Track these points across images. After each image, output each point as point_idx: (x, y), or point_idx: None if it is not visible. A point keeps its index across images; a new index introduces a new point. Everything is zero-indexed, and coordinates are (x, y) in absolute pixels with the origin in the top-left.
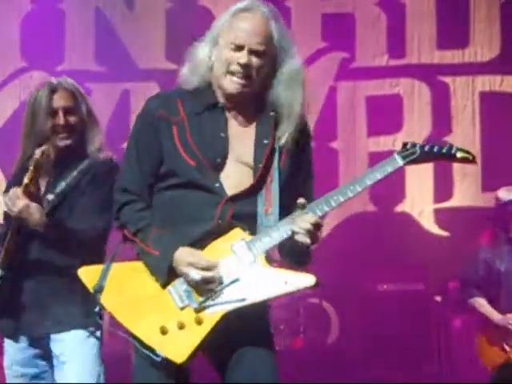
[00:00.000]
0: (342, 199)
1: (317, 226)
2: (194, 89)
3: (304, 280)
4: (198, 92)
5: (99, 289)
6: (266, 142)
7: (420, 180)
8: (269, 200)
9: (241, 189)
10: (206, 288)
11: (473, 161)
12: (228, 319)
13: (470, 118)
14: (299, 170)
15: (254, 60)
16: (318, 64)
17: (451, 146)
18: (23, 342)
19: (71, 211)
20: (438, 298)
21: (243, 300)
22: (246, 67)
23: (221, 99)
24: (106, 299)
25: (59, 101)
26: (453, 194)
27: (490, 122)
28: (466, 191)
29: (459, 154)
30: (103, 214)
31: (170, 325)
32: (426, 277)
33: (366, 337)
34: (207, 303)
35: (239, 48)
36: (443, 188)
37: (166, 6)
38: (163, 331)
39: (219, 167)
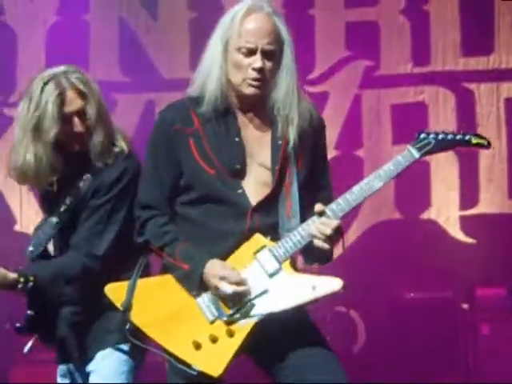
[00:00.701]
0: (362, 197)
1: (337, 230)
2: (205, 96)
3: (331, 284)
4: (210, 99)
5: (127, 306)
6: (279, 142)
7: (446, 187)
8: (289, 203)
9: (262, 194)
10: (235, 301)
11: (488, 146)
12: (264, 325)
13: (495, 125)
14: (316, 166)
15: (267, 61)
16: (342, 73)
17: (465, 133)
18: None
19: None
20: (466, 306)
21: (271, 309)
22: (260, 71)
23: (233, 104)
24: (135, 316)
25: (70, 106)
26: (479, 200)
27: None
28: (492, 198)
29: (474, 140)
30: (105, 234)
31: (202, 339)
32: (452, 284)
33: (392, 345)
34: (237, 315)
35: (251, 52)
36: (469, 195)
37: (190, 16)
38: (196, 345)
39: (239, 173)
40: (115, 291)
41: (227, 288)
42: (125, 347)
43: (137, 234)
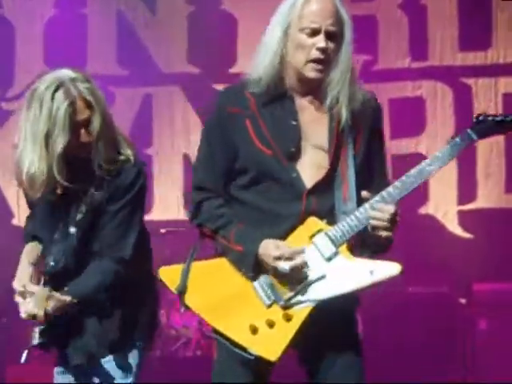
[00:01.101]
0: (419, 180)
1: (394, 216)
2: (263, 78)
3: (389, 268)
4: (267, 82)
5: (182, 289)
6: (333, 125)
7: (443, 182)
8: (346, 186)
9: (318, 177)
10: (297, 276)
11: None
12: (316, 314)
13: None
14: (372, 151)
15: (330, 43)
16: None
17: None
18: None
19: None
20: (463, 301)
21: (329, 293)
22: (324, 51)
23: (291, 87)
24: (190, 299)
25: (79, 116)
26: (476, 195)
27: None
28: (490, 193)
29: None
30: (127, 237)
31: (259, 323)
32: (450, 279)
33: (389, 340)
34: (294, 299)
35: (315, 32)
36: (467, 190)
37: (188, 10)
38: (253, 330)
39: (294, 156)
40: (169, 274)
41: (284, 265)
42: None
43: (191, 215)
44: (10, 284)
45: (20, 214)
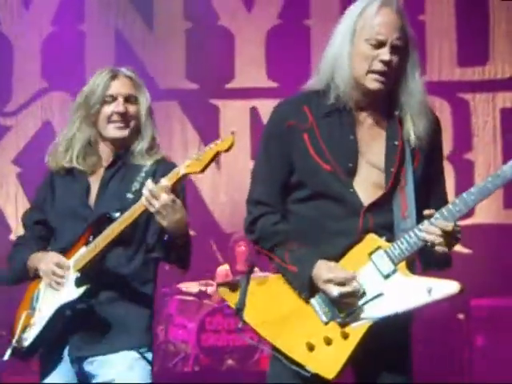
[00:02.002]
0: (480, 198)
1: (452, 232)
2: (321, 90)
3: (448, 287)
4: (325, 93)
5: (241, 305)
6: (396, 143)
7: None
8: (404, 203)
9: (374, 194)
10: (347, 302)
11: None
12: (372, 332)
13: (490, 135)
14: (432, 168)
15: (394, 56)
16: None
17: None
18: (62, 364)
19: None
20: (461, 316)
21: (387, 312)
22: (387, 64)
23: (351, 100)
24: (248, 315)
25: (120, 87)
26: (474, 211)
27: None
28: (488, 208)
29: None
30: None
31: (316, 340)
32: None
33: None
34: (351, 317)
35: (381, 44)
36: None
37: (185, 26)
38: (310, 347)
39: (352, 172)
40: (228, 290)
41: (333, 290)
42: (150, 356)
43: (247, 230)
44: (9, 298)
45: (18, 229)
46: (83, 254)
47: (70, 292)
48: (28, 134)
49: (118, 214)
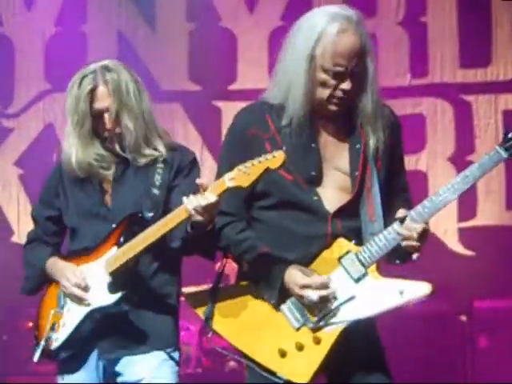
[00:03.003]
0: (450, 198)
1: (423, 234)
2: (287, 107)
3: (420, 289)
4: (293, 112)
5: (210, 315)
6: (358, 146)
7: None
8: (371, 206)
9: (341, 199)
10: (320, 307)
11: None
12: (344, 336)
13: (493, 137)
14: (393, 166)
15: (353, 81)
16: None
17: None
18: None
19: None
20: (463, 318)
21: (359, 315)
22: (348, 92)
23: (311, 109)
24: (217, 324)
25: (100, 102)
26: (477, 212)
27: None
28: (490, 210)
29: None
30: None
31: (288, 347)
32: (450, 296)
33: (389, 357)
34: (323, 322)
35: (340, 74)
36: (467, 207)
37: (188, 28)
38: (282, 353)
39: (315, 180)
40: (196, 298)
41: (312, 295)
42: (176, 356)
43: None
44: (10, 301)
45: (20, 231)
46: (116, 255)
47: (103, 296)
48: (30, 136)
49: (151, 214)
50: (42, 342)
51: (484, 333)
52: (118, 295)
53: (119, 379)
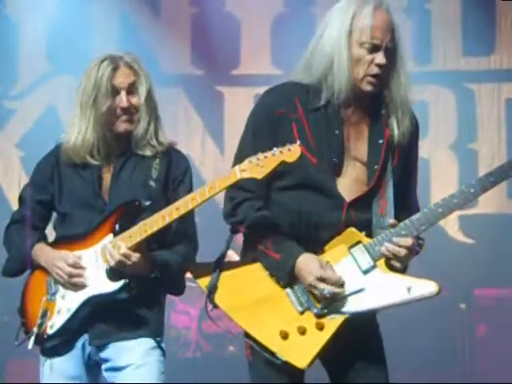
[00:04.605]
0: (446, 213)
1: (410, 249)
2: (311, 85)
3: (427, 287)
4: (314, 88)
5: (213, 288)
6: (380, 141)
7: (445, 187)
8: (384, 201)
9: (357, 190)
10: (331, 299)
11: None
12: (346, 326)
13: (495, 125)
14: (408, 166)
15: (388, 59)
16: None
17: None
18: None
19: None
20: (463, 306)
21: (365, 306)
22: (382, 68)
23: (339, 95)
24: (220, 299)
25: (121, 79)
26: (478, 200)
27: None
28: (492, 198)
29: None
30: (195, 226)
31: (290, 329)
32: (450, 284)
33: (388, 345)
34: (328, 309)
35: (376, 48)
36: None
37: (191, 12)
38: (284, 335)
39: (336, 167)
40: (200, 271)
41: (326, 290)
42: (163, 346)
43: (228, 214)
44: (10, 282)
45: None
46: (122, 236)
47: (102, 283)
48: (33, 118)
49: (148, 203)
50: (35, 329)
51: (484, 321)
52: (120, 283)
53: (106, 365)
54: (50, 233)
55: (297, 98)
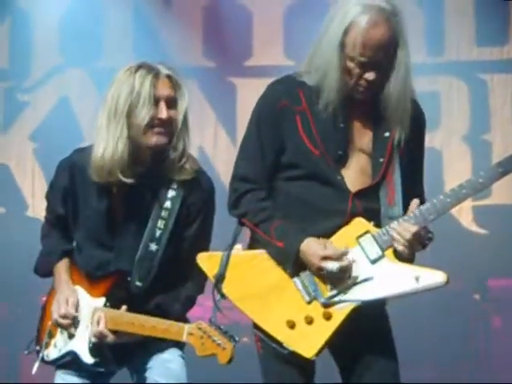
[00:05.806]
0: (455, 203)
1: (416, 235)
2: (311, 85)
3: (435, 277)
4: (315, 88)
5: (220, 277)
6: (386, 135)
7: (459, 178)
8: (392, 191)
9: (362, 181)
10: (336, 281)
11: None
12: (354, 315)
13: (509, 116)
14: (414, 159)
15: (379, 71)
16: None
17: None
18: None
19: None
20: (477, 296)
21: (373, 296)
22: (371, 82)
23: (341, 90)
24: (228, 288)
25: (162, 89)
26: (492, 191)
27: None
28: (506, 189)
29: None
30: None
31: (297, 319)
32: (464, 275)
33: (401, 335)
34: (335, 298)
35: (366, 64)
36: None
37: (203, 3)
38: (291, 325)
39: (341, 159)
40: (208, 261)
41: (333, 265)
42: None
43: (232, 206)
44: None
45: (35, 205)
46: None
47: (83, 351)
48: (45, 110)
49: (139, 284)
50: (41, 351)
51: (498, 312)
52: (94, 360)
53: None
54: None
55: (301, 90)
